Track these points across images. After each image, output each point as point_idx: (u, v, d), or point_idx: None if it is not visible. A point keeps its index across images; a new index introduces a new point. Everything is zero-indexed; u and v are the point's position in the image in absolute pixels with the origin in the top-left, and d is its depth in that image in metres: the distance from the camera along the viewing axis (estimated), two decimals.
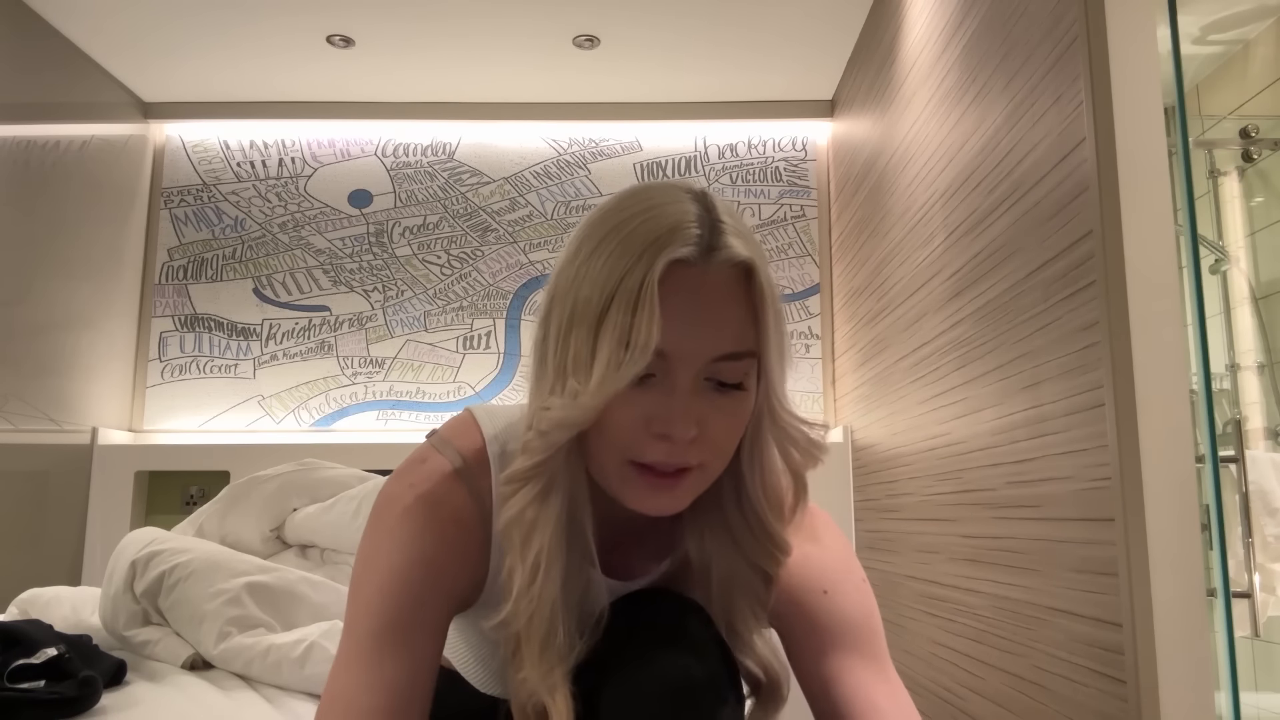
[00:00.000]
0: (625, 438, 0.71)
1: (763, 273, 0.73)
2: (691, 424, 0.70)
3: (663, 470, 0.72)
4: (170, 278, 3.38)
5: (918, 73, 2.34)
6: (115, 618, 1.62)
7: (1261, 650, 2.15)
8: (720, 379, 0.72)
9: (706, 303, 0.70)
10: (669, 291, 0.68)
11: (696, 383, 0.71)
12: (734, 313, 0.72)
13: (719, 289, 0.71)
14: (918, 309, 2.31)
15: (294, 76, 3.23)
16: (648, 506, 0.73)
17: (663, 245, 0.69)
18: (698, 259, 0.70)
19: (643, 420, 0.71)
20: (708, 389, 0.72)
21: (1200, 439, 1.45)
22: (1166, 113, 1.41)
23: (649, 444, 0.71)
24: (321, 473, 2.09)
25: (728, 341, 0.71)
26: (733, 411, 0.73)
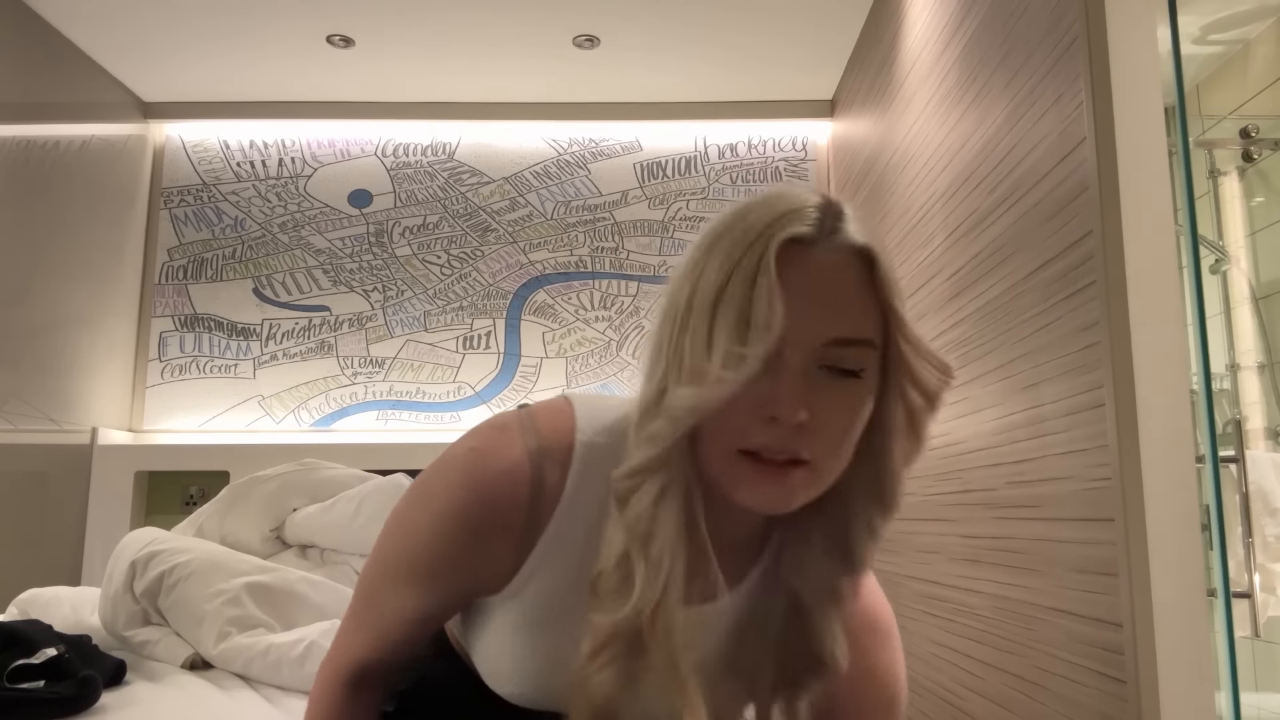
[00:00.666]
0: (734, 422, 0.67)
1: (885, 263, 0.69)
2: (800, 406, 0.66)
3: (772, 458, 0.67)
4: (170, 278, 3.38)
5: (918, 73, 2.34)
6: (115, 618, 1.62)
7: (1261, 650, 2.14)
8: (836, 365, 0.68)
9: (822, 282, 0.68)
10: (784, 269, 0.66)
11: (809, 366, 0.67)
12: (852, 296, 0.68)
13: (836, 270, 0.68)
14: (918, 309, 2.31)
15: (294, 76, 3.23)
16: (758, 500, 0.69)
17: (781, 225, 0.67)
18: (816, 238, 0.68)
19: (751, 403, 0.67)
20: (822, 376, 0.68)
21: (1200, 439, 1.45)
22: (1166, 113, 1.41)
23: (757, 428, 0.67)
24: (321, 473, 2.09)
25: (844, 325, 0.68)
26: (848, 403, 0.69)
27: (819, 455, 0.68)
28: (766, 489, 0.68)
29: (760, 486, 0.68)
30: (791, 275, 0.66)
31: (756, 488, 0.68)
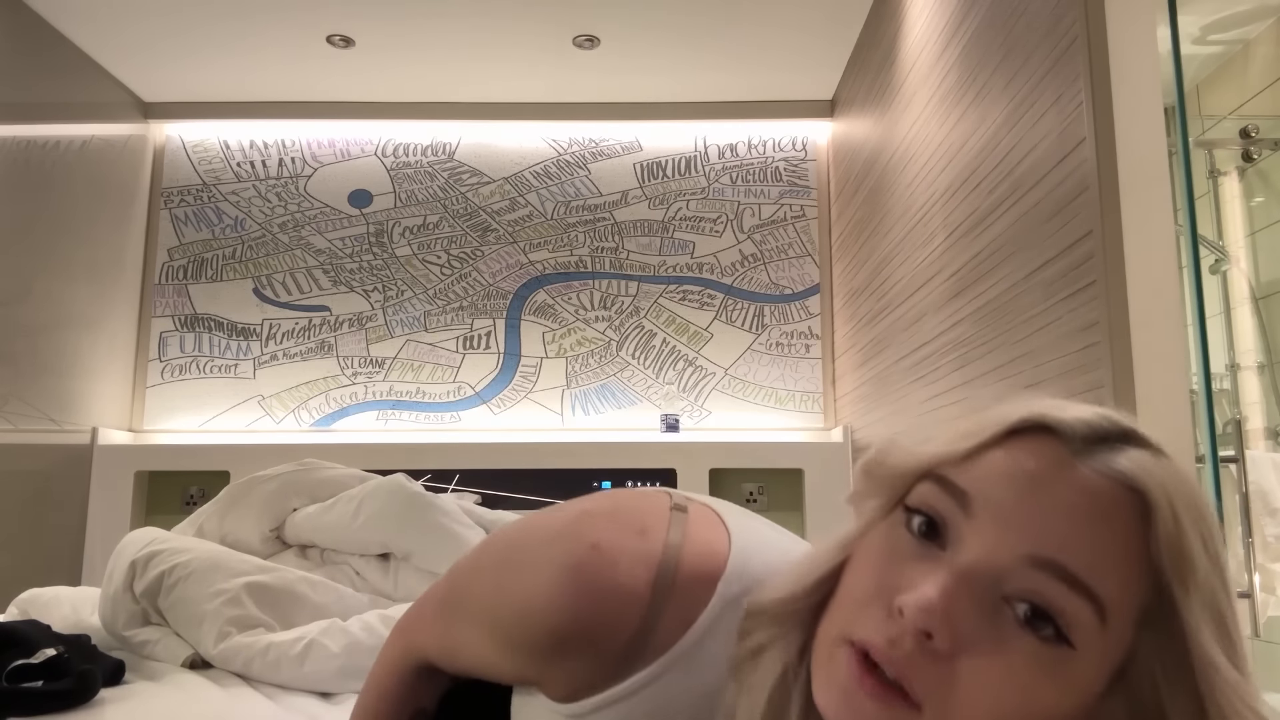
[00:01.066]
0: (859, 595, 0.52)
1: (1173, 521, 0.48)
2: (936, 610, 0.47)
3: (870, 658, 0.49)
4: (170, 278, 3.38)
5: (918, 73, 2.34)
6: (115, 618, 1.62)
7: (1261, 650, 2.14)
8: (1036, 601, 0.47)
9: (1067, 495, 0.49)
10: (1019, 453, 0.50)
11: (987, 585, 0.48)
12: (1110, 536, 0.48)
13: (1091, 491, 0.49)
14: (918, 309, 2.31)
15: (294, 76, 3.23)
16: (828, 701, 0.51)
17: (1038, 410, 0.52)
18: (1075, 440, 0.51)
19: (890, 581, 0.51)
20: (1006, 614, 0.48)
21: (1200, 439, 1.45)
22: (1166, 113, 1.41)
23: (875, 615, 0.50)
24: (321, 473, 2.09)
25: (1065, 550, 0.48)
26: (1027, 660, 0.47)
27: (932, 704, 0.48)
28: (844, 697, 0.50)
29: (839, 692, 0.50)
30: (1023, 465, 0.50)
31: (834, 691, 0.51)
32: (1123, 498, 0.49)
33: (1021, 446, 0.50)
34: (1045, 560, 0.47)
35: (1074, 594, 0.47)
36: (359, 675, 1.39)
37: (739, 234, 3.41)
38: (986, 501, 0.49)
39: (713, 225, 3.42)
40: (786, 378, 3.33)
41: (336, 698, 1.41)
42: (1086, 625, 0.47)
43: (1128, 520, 0.49)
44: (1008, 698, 0.47)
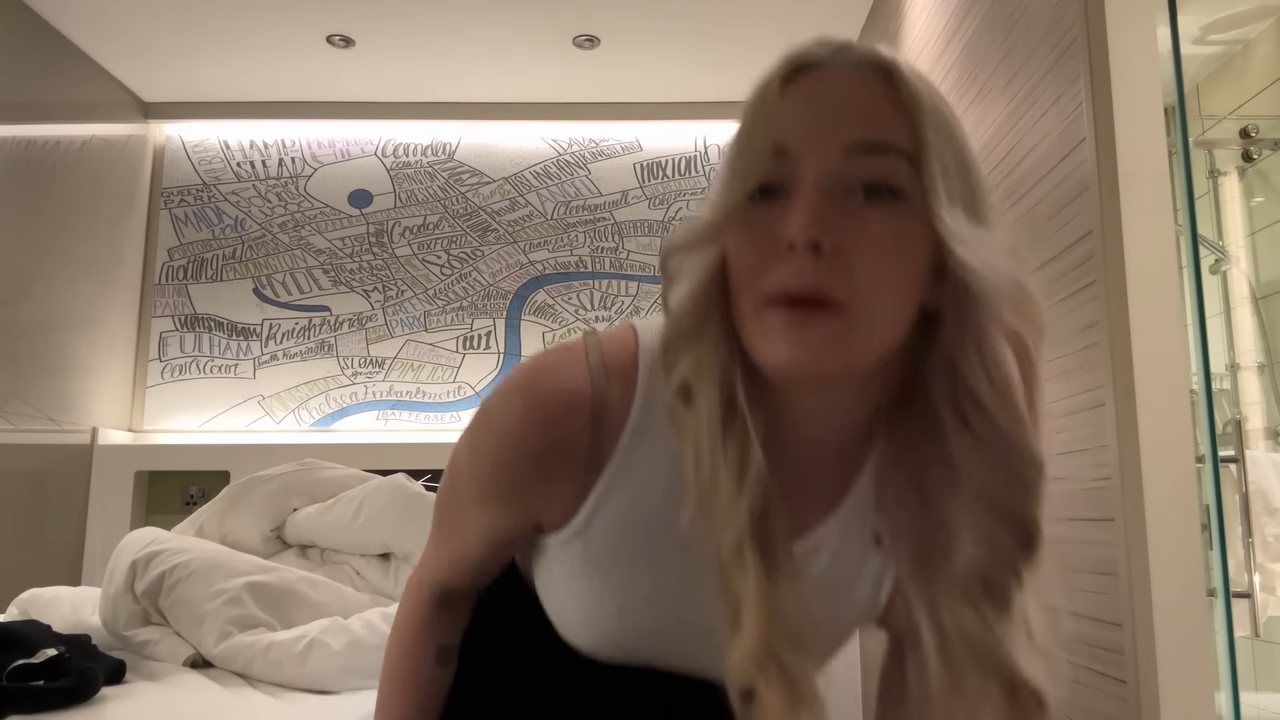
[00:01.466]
0: (754, 262, 0.59)
1: (910, 74, 0.61)
2: (812, 222, 0.56)
3: (795, 298, 0.57)
4: (170, 278, 3.38)
5: None
6: (115, 618, 1.62)
7: (1261, 650, 2.14)
8: (867, 179, 0.58)
9: (836, 93, 0.60)
10: (792, 91, 0.60)
11: (831, 185, 0.58)
12: (872, 103, 0.60)
13: (851, 81, 0.61)
14: None
15: (294, 76, 3.23)
16: (786, 353, 0.57)
17: (787, 61, 0.62)
18: (824, 60, 0.62)
19: (769, 238, 0.58)
20: (849, 198, 0.58)
21: (1200, 439, 1.45)
22: (1166, 113, 1.41)
23: (778, 265, 0.57)
24: (322, 473, 2.09)
25: (861, 131, 0.59)
26: (887, 221, 0.58)
27: (852, 295, 0.57)
28: (792, 338, 0.57)
29: (785, 337, 0.57)
30: (798, 93, 0.60)
31: (782, 340, 0.57)
32: (873, 75, 0.61)
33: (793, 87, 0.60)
34: (852, 143, 0.58)
35: (884, 156, 0.58)
36: (361, 673, 1.40)
37: None
38: (795, 140, 0.59)
39: None
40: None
41: (338, 695, 1.41)
42: (902, 172, 0.58)
43: (884, 87, 0.60)
44: (890, 256, 0.58)
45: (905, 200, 0.58)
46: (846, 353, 0.58)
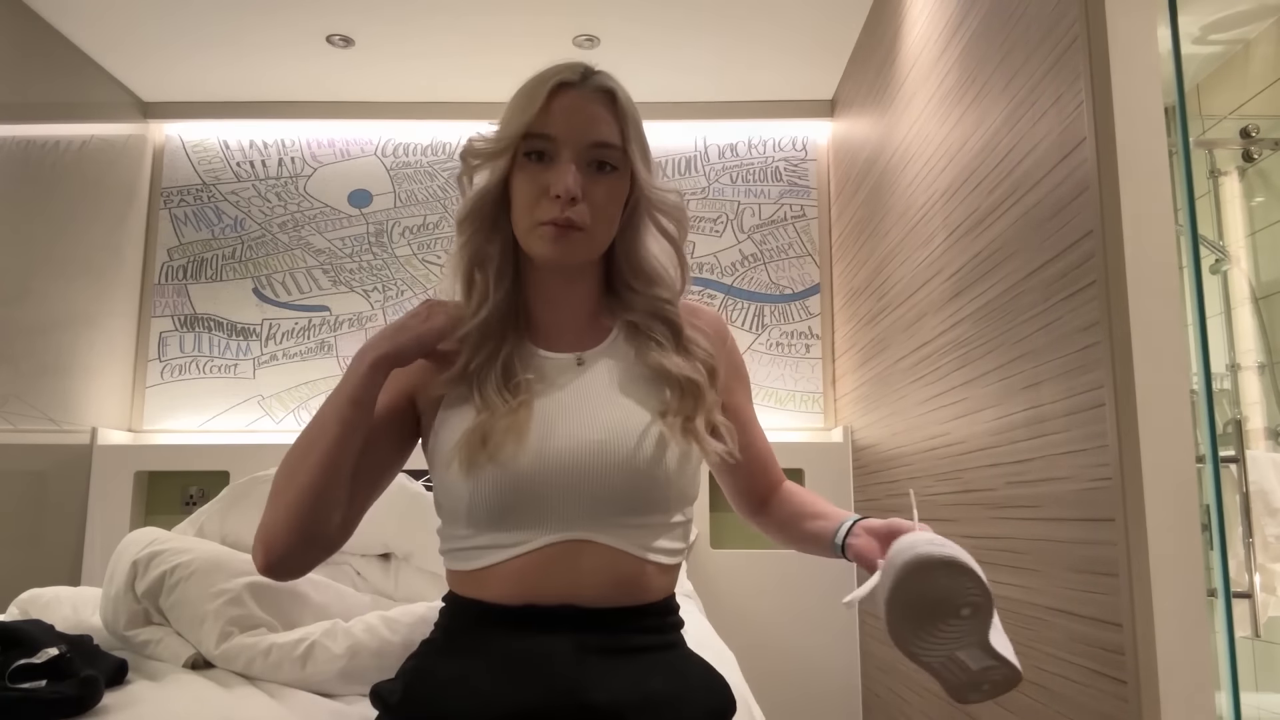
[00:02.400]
0: (532, 199, 1.00)
1: (624, 98, 1.05)
2: (572, 183, 0.98)
3: (559, 222, 0.98)
4: (170, 278, 3.38)
5: (918, 73, 2.34)
6: (116, 618, 1.62)
7: (1261, 650, 2.15)
8: (598, 161, 1.01)
9: (584, 107, 1.01)
10: (558, 99, 1.01)
11: (579, 162, 1.00)
12: (605, 116, 1.02)
13: (593, 100, 1.02)
14: (918, 309, 2.31)
15: (294, 76, 3.23)
16: (550, 252, 1.00)
17: (555, 74, 1.02)
18: (578, 82, 1.02)
19: (542, 187, 0.99)
20: (590, 171, 1.01)
21: (1200, 439, 1.45)
22: (1166, 113, 1.41)
23: (546, 205, 0.99)
24: None
25: (600, 132, 1.01)
26: (609, 186, 1.02)
27: (590, 223, 1.00)
28: (556, 244, 0.99)
29: (551, 243, 0.99)
30: (561, 101, 1.01)
31: (549, 244, 1.00)
32: (603, 97, 1.03)
33: (557, 97, 1.01)
34: (591, 142, 1.01)
35: (608, 149, 1.02)
36: (361, 677, 1.39)
37: (739, 234, 3.42)
38: (559, 131, 1.00)
39: (713, 225, 3.42)
40: (786, 378, 3.33)
41: (340, 698, 1.41)
42: (617, 159, 1.03)
43: (610, 104, 1.03)
44: (606, 199, 1.02)
45: (617, 171, 1.03)
46: (584, 252, 1.03)
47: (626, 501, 0.96)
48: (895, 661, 2.59)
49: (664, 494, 0.99)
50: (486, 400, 0.98)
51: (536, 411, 0.98)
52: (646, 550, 0.98)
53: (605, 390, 1.02)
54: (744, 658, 1.87)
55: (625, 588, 0.97)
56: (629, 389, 1.03)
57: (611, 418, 0.99)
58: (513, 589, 0.95)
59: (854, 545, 1.03)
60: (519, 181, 1.01)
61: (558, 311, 1.08)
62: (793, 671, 3.01)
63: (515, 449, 0.95)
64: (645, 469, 0.97)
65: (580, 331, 1.08)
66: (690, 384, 1.03)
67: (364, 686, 1.41)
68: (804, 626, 3.04)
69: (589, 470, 0.96)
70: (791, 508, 1.16)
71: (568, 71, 1.02)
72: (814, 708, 3.01)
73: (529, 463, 0.95)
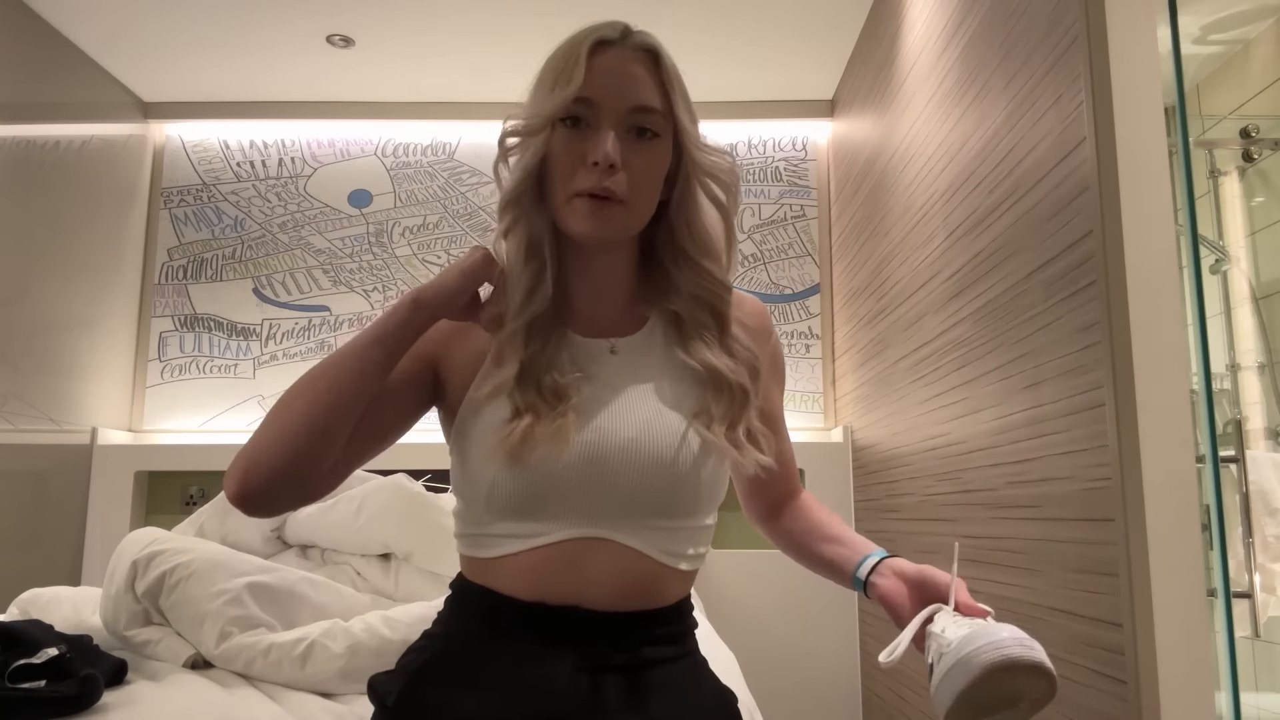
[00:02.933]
0: (567, 170, 0.93)
1: (668, 59, 0.98)
2: (612, 152, 0.90)
3: (596, 193, 0.91)
4: (170, 278, 3.38)
5: (918, 73, 2.34)
6: (116, 618, 1.62)
7: (1261, 650, 2.15)
8: (639, 126, 0.94)
9: (624, 68, 0.94)
10: (596, 60, 0.93)
11: (619, 128, 0.93)
12: (646, 78, 0.95)
13: (633, 60, 0.95)
14: (918, 309, 2.31)
15: (294, 76, 3.23)
16: (586, 227, 0.92)
17: (592, 32, 0.96)
18: (617, 40, 0.96)
19: (579, 155, 0.92)
20: (630, 137, 0.93)
21: (1200, 439, 1.45)
22: (1167, 113, 1.41)
23: (584, 174, 0.92)
24: None
25: (641, 96, 0.94)
26: (650, 154, 0.95)
27: (629, 195, 0.93)
28: (592, 218, 0.92)
29: (588, 217, 0.92)
30: (600, 62, 0.93)
31: (585, 218, 0.92)
32: (648, 55, 0.96)
33: (595, 57, 0.93)
34: (633, 106, 0.93)
35: (649, 114, 0.94)
36: (361, 677, 1.39)
37: (739, 234, 3.41)
38: (598, 95, 0.93)
39: None
40: (787, 377, 3.32)
41: (339, 698, 1.41)
42: (659, 124, 0.95)
43: (652, 64, 0.96)
44: (648, 169, 0.95)
45: (660, 138, 0.95)
46: (622, 226, 0.94)
47: (655, 504, 0.92)
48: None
49: (694, 498, 0.94)
50: (529, 403, 0.91)
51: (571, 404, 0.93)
52: (667, 554, 0.94)
53: (639, 384, 0.96)
54: (744, 658, 1.86)
55: (638, 591, 0.93)
56: (665, 385, 0.97)
57: (645, 414, 0.94)
58: (524, 583, 0.91)
59: (881, 587, 0.98)
60: (555, 151, 0.93)
61: (594, 293, 1.00)
62: (793, 671, 3.01)
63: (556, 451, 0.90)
64: (679, 472, 0.92)
65: (616, 317, 1.01)
66: (737, 389, 0.97)
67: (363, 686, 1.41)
68: (804, 626, 3.04)
69: (618, 468, 0.91)
70: (807, 524, 1.12)
71: (606, 29, 0.95)
72: (814, 708, 3.01)
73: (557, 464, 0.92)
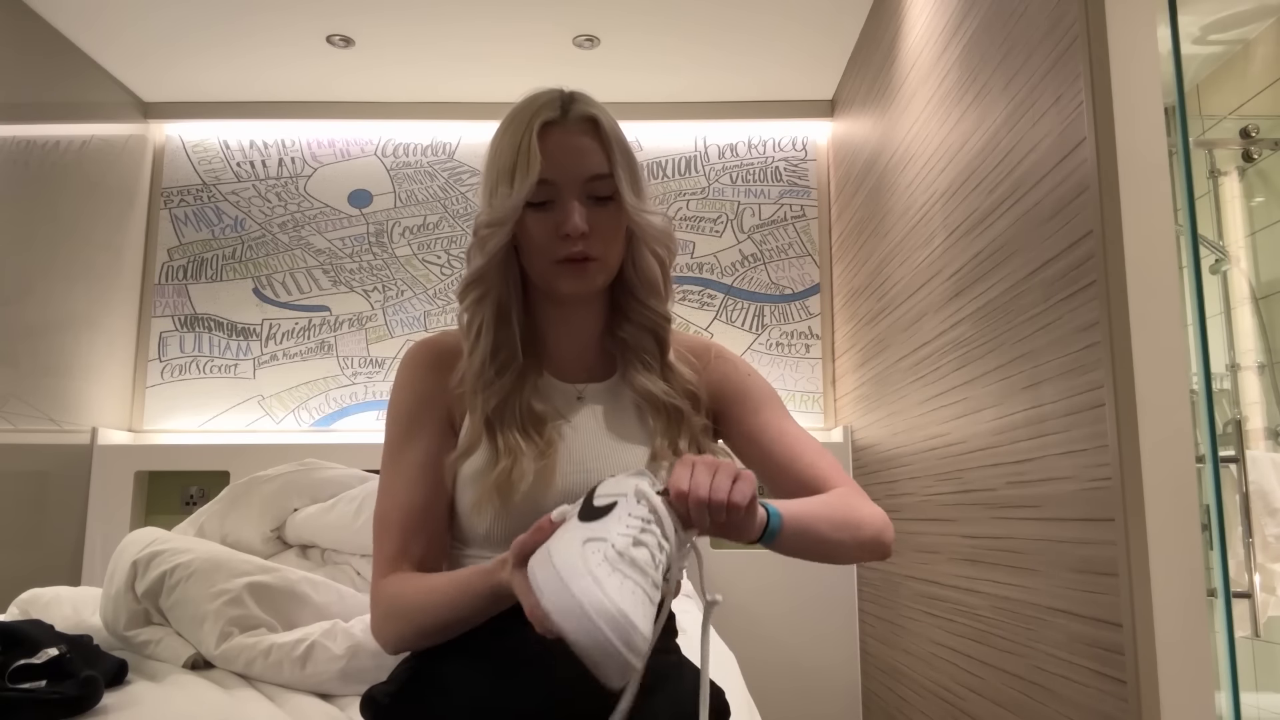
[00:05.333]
0: (544, 244, 1.04)
1: (607, 122, 1.08)
2: (581, 221, 1.02)
3: (575, 258, 1.04)
4: (170, 278, 3.38)
5: (918, 73, 2.34)
6: (116, 618, 1.62)
7: (1261, 650, 2.15)
8: (595, 194, 1.05)
9: (572, 143, 1.05)
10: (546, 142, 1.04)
11: (580, 198, 1.04)
12: (593, 147, 1.06)
13: (578, 133, 1.06)
14: (918, 309, 2.31)
15: (294, 76, 3.23)
16: (574, 287, 1.06)
17: (535, 114, 1.05)
18: (559, 118, 1.06)
19: (552, 229, 1.04)
20: (590, 204, 1.05)
21: (1200, 439, 1.45)
22: (1166, 113, 1.41)
23: (560, 244, 1.04)
24: (322, 473, 2.09)
25: (593, 165, 1.05)
26: (610, 215, 1.06)
27: (601, 252, 1.06)
28: (577, 278, 1.05)
29: (572, 278, 1.05)
30: (550, 143, 1.04)
31: (569, 279, 1.06)
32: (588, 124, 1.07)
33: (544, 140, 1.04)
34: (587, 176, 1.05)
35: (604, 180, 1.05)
36: (361, 678, 1.39)
37: (739, 234, 3.42)
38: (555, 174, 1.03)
39: (713, 225, 3.42)
40: (786, 378, 3.33)
41: (339, 699, 1.41)
42: (610, 185, 1.06)
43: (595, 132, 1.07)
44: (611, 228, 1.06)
45: (614, 199, 1.06)
46: (603, 280, 1.09)
47: None
48: (895, 662, 2.59)
49: None
50: (509, 444, 1.02)
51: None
52: None
53: (600, 428, 1.08)
54: (744, 658, 1.87)
55: None
56: (620, 425, 1.09)
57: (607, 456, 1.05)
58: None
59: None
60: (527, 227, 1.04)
61: (569, 336, 1.13)
62: (793, 671, 3.01)
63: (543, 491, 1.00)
64: None
65: (590, 359, 1.14)
66: (672, 409, 1.08)
67: (364, 687, 1.41)
68: (804, 626, 3.04)
69: None
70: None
71: (547, 109, 1.06)
72: (814, 708, 3.01)
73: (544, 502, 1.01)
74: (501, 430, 1.03)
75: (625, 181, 1.06)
